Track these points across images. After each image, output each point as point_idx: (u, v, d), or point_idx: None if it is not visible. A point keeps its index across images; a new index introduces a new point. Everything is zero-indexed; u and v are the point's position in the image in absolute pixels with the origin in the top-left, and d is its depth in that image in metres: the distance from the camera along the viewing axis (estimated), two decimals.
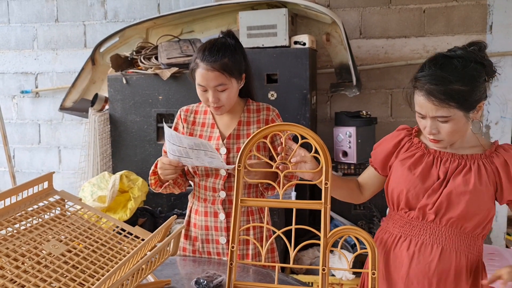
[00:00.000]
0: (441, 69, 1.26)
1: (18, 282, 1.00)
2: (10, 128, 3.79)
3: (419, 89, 1.28)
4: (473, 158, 1.32)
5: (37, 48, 3.74)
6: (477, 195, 1.29)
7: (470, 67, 1.26)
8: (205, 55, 1.57)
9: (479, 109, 1.29)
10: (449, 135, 1.29)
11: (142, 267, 1.13)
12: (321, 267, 1.16)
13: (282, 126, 1.31)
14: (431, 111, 1.27)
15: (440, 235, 1.34)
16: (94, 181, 2.51)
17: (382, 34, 3.27)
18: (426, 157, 1.37)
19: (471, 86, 1.24)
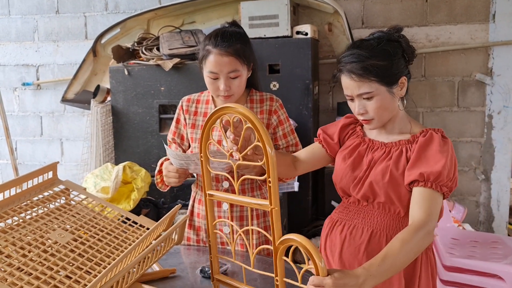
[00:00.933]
0: (358, 48, 1.31)
1: (25, 270, 1.01)
2: (12, 121, 3.79)
3: (341, 71, 1.32)
4: (398, 145, 1.33)
5: (38, 40, 3.73)
6: (394, 182, 1.29)
7: (385, 44, 1.30)
8: (218, 41, 1.53)
9: (402, 86, 1.32)
10: (376, 112, 1.30)
11: (148, 255, 1.13)
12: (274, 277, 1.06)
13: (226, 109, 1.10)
14: (355, 89, 1.29)
15: (372, 218, 1.36)
16: (97, 172, 2.51)
17: (384, 23, 3.25)
18: (360, 146, 1.40)
19: (388, 61, 1.28)
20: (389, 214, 1.34)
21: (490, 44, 3.13)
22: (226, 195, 1.19)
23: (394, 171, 1.30)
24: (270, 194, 1.03)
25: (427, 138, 1.30)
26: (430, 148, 1.28)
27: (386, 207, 1.33)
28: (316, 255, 0.97)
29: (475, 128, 3.24)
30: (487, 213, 3.29)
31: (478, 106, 3.23)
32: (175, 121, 1.74)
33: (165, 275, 1.40)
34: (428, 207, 1.22)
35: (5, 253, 1.04)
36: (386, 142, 1.37)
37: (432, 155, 1.27)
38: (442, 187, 1.25)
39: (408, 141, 1.33)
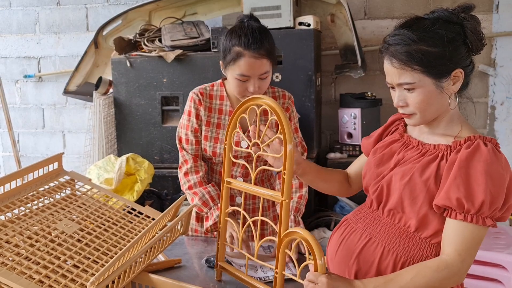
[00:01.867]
0: (408, 28, 1.08)
1: (33, 259, 1.01)
2: (14, 113, 3.79)
3: (384, 53, 1.11)
4: (436, 149, 1.11)
5: (39, 32, 3.72)
6: (412, 189, 1.09)
7: (441, 26, 1.06)
8: (250, 43, 1.45)
9: (456, 80, 1.09)
10: (417, 107, 1.09)
11: (154, 245, 1.14)
12: (275, 270, 1.07)
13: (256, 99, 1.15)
14: (395, 77, 1.09)
15: (375, 226, 1.17)
16: (100, 164, 2.52)
17: (387, 14, 3.24)
18: (396, 142, 1.21)
19: (440, 48, 1.05)
20: (397, 225, 1.14)
21: (494, 35, 3.11)
22: (241, 184, 1.25)
23: (417, 176, 1.09)
24: (283, 186, 1.04)
25: (471, 151, 1.04)
26: (474, 165, 1.02)
27: (396, 216, 1.14)
28: (318, 252, 0.97)
29: (478, 119, 3.23)
30: None
31: (481, 97, 3.22)
32: (187, 114, 1.65)
33: (171, 265, 1.42)
34: (462, 247, 1.02)
35: (13, 242, 1.05)
36: (425, 142, 1.15)
37: (475, 176, 1.02)
38: (485, 220, 1.02)
39: (447, 146, 1.09)
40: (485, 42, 1.12)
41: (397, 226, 1.14)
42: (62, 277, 0.99)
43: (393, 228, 1.14)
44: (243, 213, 1.21)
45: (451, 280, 1.03)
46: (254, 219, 1.17)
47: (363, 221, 1.21)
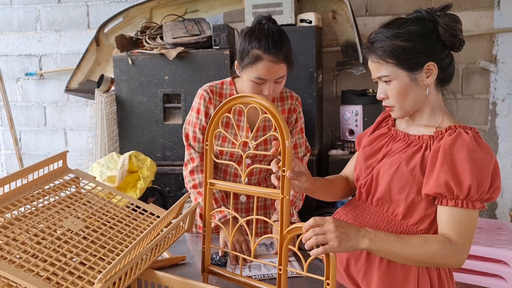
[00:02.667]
0: (386, 27, 1.18)
1: (40, 257, 1.02)
2: (15, 111, 3.80)
3: (366, 52, 1.21)
4: (420, 140, 1.18)
5: (40, 29, 3.72)
6: (399, 177, 1.15)
7: (412, 23, 1.16)
8: (269, 47, 1.45)
9: (429, 73, 1.16)
10: (396, 98, 1.17)
11: (159, 243, 1.14)
12: (277, 267, 1.06)
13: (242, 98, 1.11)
14: (375, 72, 1.19)
15: (365, 216, 1.24)
16: (102, 161, 2.52)
17: (388, 11, 3.24)
18: (383, 136, 1.28)
19: (411, 42, 1.13)
20: (386, 214, 1.21)
21: (495, 31, 3.11)
22: (231, 185, 1.20)
23: (403, 166, 1.15)
24: (283, 183, 1.04)
25: (453, 138, 1.10)
26: (458, 152, 1.09)
27: (384, 206, 1.21)
28: None
29: (479, 116, 3.24)
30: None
31: (482, 94, 3.22)
32: (195, 111, 1.65)
33: (175, 262, 1.43)
34: (461, 230, 1.07)
35: (20, 240, 1.06)
36: (410, 134, 1.22)
37: (460, 161, 1.08)
38: (475, 203, 1.08)
39: (430, 136, 1.16)
40: (463, 39, 1.19)
41: (385, 215, 1.21)
42: (69, 274, 1.00)
43: (382, 217, 1.21)
44: (234, 213, 1.20)
45: (453, 257, 1.07)
46: (247, 218, 1.17)
47: (353, 212, 1.28)
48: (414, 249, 1.05)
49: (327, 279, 0.95)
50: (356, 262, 1.22)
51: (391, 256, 1.06)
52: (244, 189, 1.17)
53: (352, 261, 1.23)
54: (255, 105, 1.07)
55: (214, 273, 1.24)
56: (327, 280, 0.95)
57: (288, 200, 1.03)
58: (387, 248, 1.03)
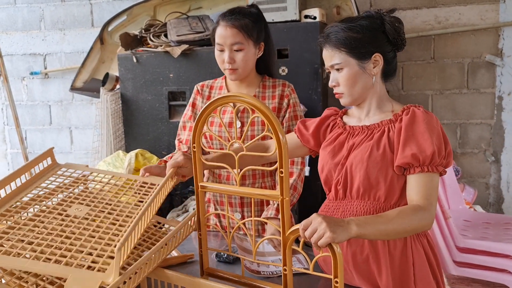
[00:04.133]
0: (341, 22, 1.32)
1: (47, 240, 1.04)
2: (21, 110, 3.81)
3: (321, 42, 1.33)
4: (380, 126, 1.30)
5: (45, 28, 3.73)
6: (374, 162, 1.25)
7: (363, 18, 1.30)
8: (226, 14, 1.62)
9: (376, 64, 1.29)
10: (346, 85, 1.29)
11: (168, 242, 1.15)
12: (282, 267, 1.06)
13: (230, 97, 1.09)
14: (328, 61, 1.31)
15: (351, 210, 1.30)
16: (109, 160, 2.53)
17: (392, 5, 3.22)
18: (341, 135, 1.36)
19: (361, 34, 1.27)
20: (368, 201, 1.28)
21: (501, 25, 3.09)
22: (225, 187, 1.20)
23: (375, 151, 1.26)
24: (281, 184, 1.02)
25: (410, 116, 1.25)
26: (417, 126, 1.24)
27: (365, 194, 1.27)
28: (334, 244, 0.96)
29: (485, 110, 3.22)
30: (497, 194, 3.29)
31: (488, 88, 3.20)
32: (190, 105, 1.77)
33: (183, 260, 1.43)
34: (427, 193, 1.19)
35: (29, 236, 1.06)
36: (368, 125, 1.32)
37: (420, 134, 1.22)
38: (437, 167, 1.22)
39: (390, 120, 1.29)
40: (405, 39, 1.32)
41: (368, 202, 1.28)
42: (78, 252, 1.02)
43: (366, 206, 1.28)
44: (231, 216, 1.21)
45: (425, 220, 1.17)
46: (246, 220, 1.19)
47: (337, 211, 1.32)
48: (395, 221, 1.12)
49: (336, 278, 0.95)
50: (362, 253, 1.26)
51: (378, 234, 1.10)
52: (240, 191, 1.15)
53: (358, 254, 1.27)
54: (244, 104, 1.05)
55: (214, 275, 1.23)
56: (335, 279, 0.95)
57: (288, 201, 1.02)
58: (373, 229, 1.07)
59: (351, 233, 1.02)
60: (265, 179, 1.75)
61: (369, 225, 1.06)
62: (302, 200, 2.90)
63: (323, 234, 0.97)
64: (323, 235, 0.97)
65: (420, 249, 1.28)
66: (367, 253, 1.26)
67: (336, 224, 0.99)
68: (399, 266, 1.25)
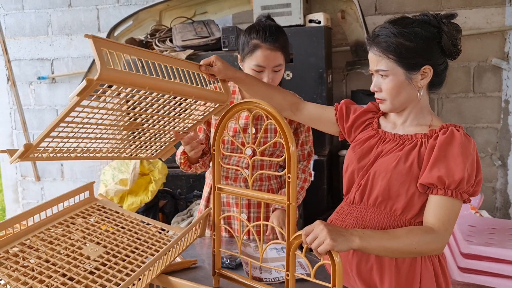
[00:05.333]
0: (392, 24, 1.22)
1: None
2: (28, 114, 3.85)
3: (369, 43, 1.25)
4: (413, 138, 1.24)
5: (52, 33, 3.76)
6: (398, 174, 1.20)
7: (419, 25, 1.20)
8: (266, 36, 1.59)
9: (424, 75, 1.21)
10: (389, 93, 1.22)
11: (172, 248, 1.15)
12: (285, 272, 1.07)
13: (247, 103, 1.12)
14: (373, 64, 1.23)
15: (364, 217, 1.27)
16: (114, 164, 2.55)
17: (398, 9, 3.22)
18: (372, 138, 1.32)
19: (413, 43, 1.18)
20: (384, 212, 1.24)
21: (507, 28, 3.08)
22: (239, 190, 1.22)
23: (402, 163, 1.20)
24: (288, 190, 1.04)
25: (447, 136, 1.18)
26: (451, 149, 1.16)
27: (382, 204, 1.24)
28: (334, 252, 0.97)
29: (491, 114, 3.21)
30: (504, 199, 3.27)
31: (494, 92, 3.19)
32: None
33: (187, 265, 1.44)
34: (445, 218, 1.14)
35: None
36: (401, 134, 1.27)
37: (453, 157, 1.15)
38: (462, 194, 1.16)
39: (425, 135, 1.23)
40: (460, 49, 1.24)
41: (384, 212, 1.24)
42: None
43: (381, 215, 1.24)
44: (241, 217, 1.22)
45: (435, 244, 1.13)
46: (256, 223, 1.20)
47: (351, 216, 1.29)
48: (401, 240, 1.09)
49: (334, 286, 0.95)
50: (367, 262, 1.24)
51: (382, 251, 1.09)
52: (251, 195, 1.17)
53: (363, 262, 1.25)
54: (260, 110, 1.07)
55: (225, 276, 1.25)
56: (333, 287, 0.95)
57: (294, 206, 1.04)
58: (377, 244, 1.06)
59: (353, 245, 1.01)
60: (271, 182, 1.78)
61: (373, 239, 1.04)
62: (307, 205, 2.90)
63: (323, 241, 0.97)
64: (323, 242, 0.97)
65: (429, 268, 1.23)
66: (372, 264, 1.24)
67: (338, 233, 0.99)
68: (405, 281, 1.22)
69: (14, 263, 1.04)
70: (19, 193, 4.03)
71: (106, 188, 2.42)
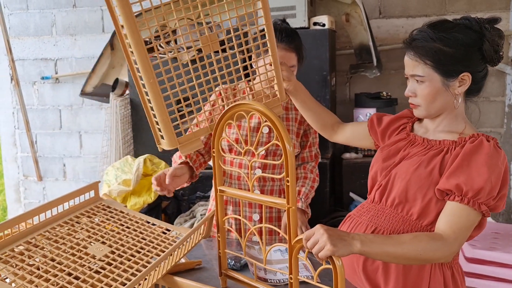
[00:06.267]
0: (431, 27, 1.18)
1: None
2: (31, 114, 3.85)
3: (406, 46, 1.21)
4: (440, 144, 1.21)
5: (56, 34, 3.77)
6: (417, 177, 1.18)
7: (459, 30, 1.15)
8: (282, 37, 1.62)
9: (462, 83, 1.17)
10: (424, 99, 1.19)
11: (178, 249, 1.15)
12: (288, 275, 1.06)
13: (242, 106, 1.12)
14: (410, 69, 1.20)
15: (380, 217, 1.26)
16: (117, 165, 2.55)
17: (402, 13, 3.22)
18: (402, 140, 1.30)
19: (452, 48, 1.13)
20: (400, 214, 1.23)
21: (511, 33, 3.08)
22: (240, 192, 1.22)
23: (422, 167, 1.18)
24: (288, 193, 1.02)
25: (475, 145, 1.14)
26: (476, 157, 1.12)
27: (399, 206, 1.23)
28: (335, 257, 0.96)
29: (495, 119, 3.20)
30: (507, 203, 3.26)
31: (498, 96, 3.19)
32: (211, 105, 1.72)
33: (191, 266, 1.44)
34: (457, 226, 1.10)
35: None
36: (430, 139, 1.25)
37: (476, 167, 1.11)
38: (480, 205, 1.11)
39: (453, 142, 1.19)
40: (502, 55, 1.19)
41: (400, 215, 1.23)
42: None
43: (396, 217, 1.23)
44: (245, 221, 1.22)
45: (442, 252, 1.08)
46: (258, 226, 1.20)
47: (367, 214, 1.30)
48: (406, 246, 1.06)
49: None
50: (373, 262, 1.24)
51: (385, 256, 1.06)
52: (252, 198, 1.17)
53: (369, 261, 1.25)
54: (256, 113, 1.07)
55: (231, 277, 1.25)
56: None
57: (294, 210, 1.02)
58: (379, 249, 1.03)
59: (353, 249, 0.99)
60: (274, 184, 1.79)
61: (375, 244, 1.02)
62: (310, 208, 2.89)
63: (323, 246, 0.96)
64: (323, 248, 0.95)
65: (439, 279, 1.21)
66: (378, 264, 1.24)
67: (339, 238, 0.97)
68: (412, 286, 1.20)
69: (19, 261, 1.04)
70: (21, 193, 4.03)
71: (109, 188, 2.42)
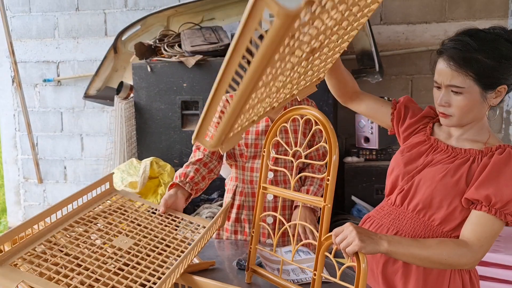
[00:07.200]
0: (470, 37, 1.15)
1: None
2: (33, 116, 3.85)
3: (442, 54, 1.18)
4: (466, 153, 1.21)
5: (58, 36, 3.78)
6: (443, 186, 1.18)
7: (500, 43, 1.14)
8: None
9: (498, 94, 1.17)
10: (459, 110, 1.17)
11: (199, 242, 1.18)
12: (313, 271, 1.10)
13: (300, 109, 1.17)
14: (447, 78, 1.16)
15: (402, 220, 1.27)
16: (123, 167, 2.56)
17: (403, 19, 3.27)
18: (422, 144, 1.30)
19: (495, 61, 1.12)
20: (422, 219, 1.24)
21: None
22: (280, 190, 1.26)
23: (449, 176, 1.18)
24: (326, 192, 1.07)
25: (504, 157, 1.15)
26: (506, 169, 1.13)
27: (421, 212, 1.24)
28: (361, 255, 1.00)
29: (493, 124, 3.25)
30: None
31: None
32: (220, 112, 1.71)
33: (205, 267, 1.45)
34: (482, 235, 1.12)
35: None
36: (454, 146, 1.24)
37: (505, 179, 1.12)
38: (507, 216, 1.12)
39: (479, 151, 1.19)
40: None
41: (422, 220, 1.24)
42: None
43: (418, 222, 1.24)
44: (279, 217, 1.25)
45: (467, 259, 1.10)
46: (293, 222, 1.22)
47: (389, 217, 1.31)
48: (432, 250, 1.09)
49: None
50: (394, 264, 1.26)
51: (411, 258, 1.09)
52: (292, 195, 1.22)
53: (390, 263, 1.27)
54: (309, 116, 1.13)
55: (257, 273, 1.29)
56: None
57: (329, 208, 1.07)
58: (405, 250, 1.07)
59: (381, 248, 1.03)
60: (286, 186, 1.79)
61: (401, 245, 1.06)
62: None
63: (351, 241, 1.00)
64: (351, 243, 0.99)
65: (458, 283, 1.23)
66: (398, 267, 1.26)
67: (367, 235, 1.01)
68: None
69: (43, 261, 1.05)
70: (21, 195, 4.02)
71: None
